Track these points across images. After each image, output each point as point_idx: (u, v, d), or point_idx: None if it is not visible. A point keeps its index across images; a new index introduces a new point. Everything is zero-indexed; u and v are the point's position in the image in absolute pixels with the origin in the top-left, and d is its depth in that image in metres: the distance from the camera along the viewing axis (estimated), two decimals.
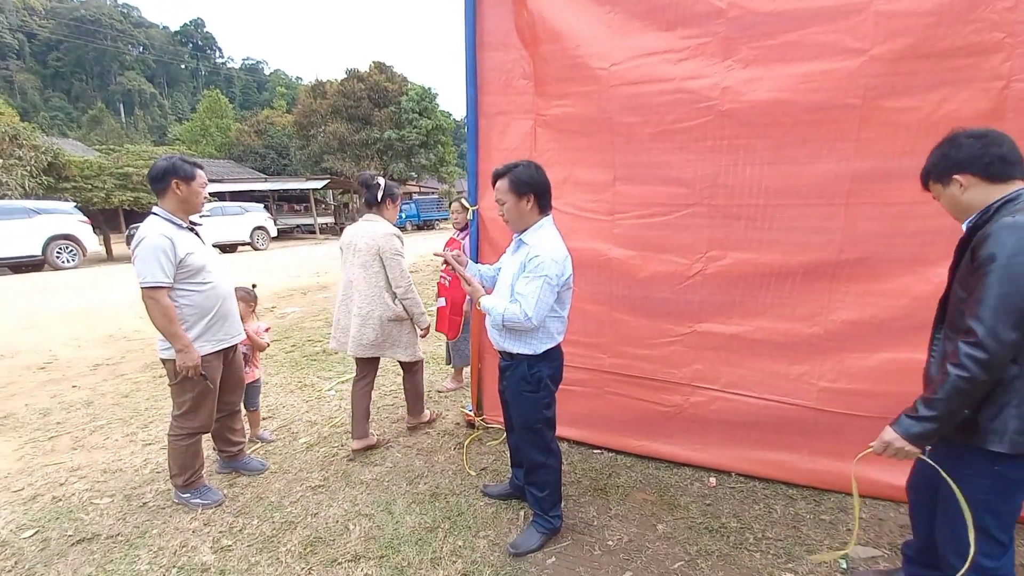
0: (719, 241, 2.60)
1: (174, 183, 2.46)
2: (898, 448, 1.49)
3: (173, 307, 2.40)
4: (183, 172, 2.47)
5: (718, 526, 2.41)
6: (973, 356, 1.35)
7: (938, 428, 1.44)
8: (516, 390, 2.25)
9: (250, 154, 35.34)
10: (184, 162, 2.51)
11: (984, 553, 1.50)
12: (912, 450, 1.48)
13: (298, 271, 11.77)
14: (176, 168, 2.47)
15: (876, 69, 2.14)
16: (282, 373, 4.71)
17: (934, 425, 1.44)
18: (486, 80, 2.99)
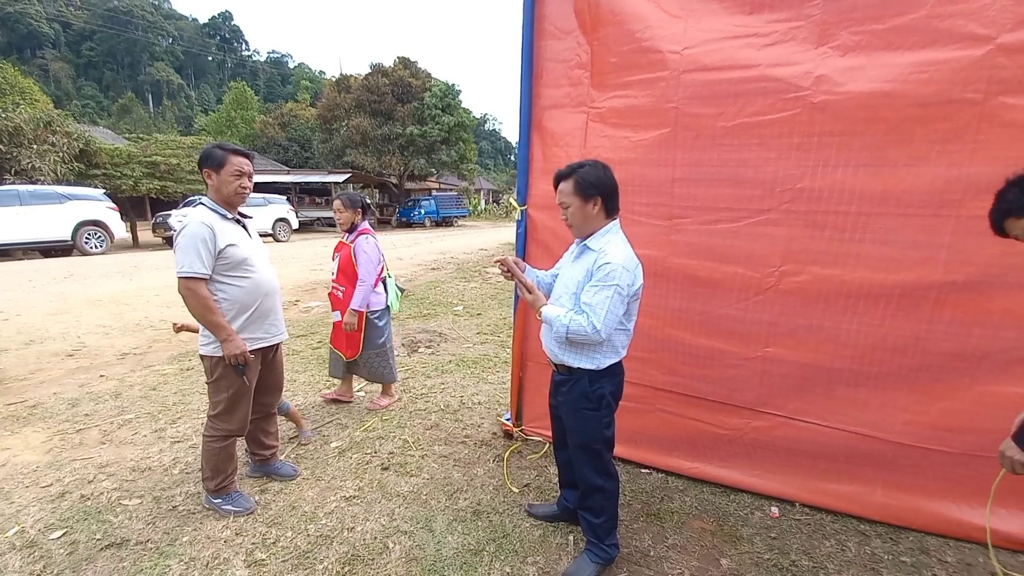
0: (796, 253, 2.34)
1: (206, 172, 2.35)
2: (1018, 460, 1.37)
3: (211, 298, 2.28)
4: (212, 160, 2.34)
5: (788, 564, 2.20)
6: None
7: None
8: (574, 407, 2.07)
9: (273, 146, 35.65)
10: (218, 148, 2.38)
11: None
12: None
13: (320, 264, 11.72)
14: (207, 156, 2.35)
15: (1003, 60, 1.87)
16: (310, 371, 4.59)
17: None
18: (542, 71, 2.79)
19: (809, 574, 2.14)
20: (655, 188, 2.60)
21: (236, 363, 2.34)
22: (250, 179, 2.43)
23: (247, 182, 2.41)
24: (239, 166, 2.38)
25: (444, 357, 5.05)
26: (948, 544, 2.30)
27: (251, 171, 2.42)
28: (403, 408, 3.77)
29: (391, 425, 3.48)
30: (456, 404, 3.86)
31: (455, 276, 10.12)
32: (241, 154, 2.40)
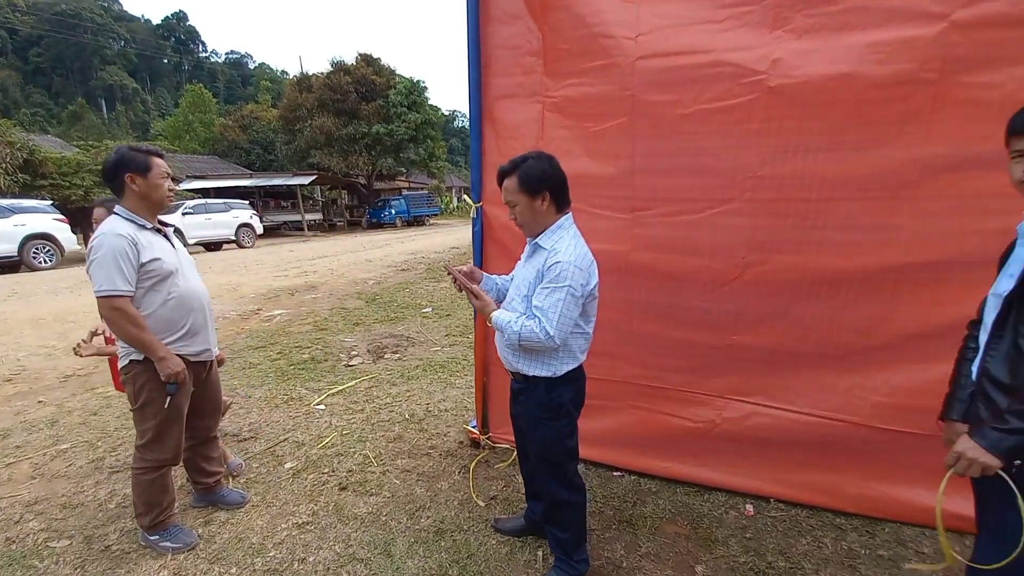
0: (760, 243, 2.27)
1: (128, 178, 2.12)
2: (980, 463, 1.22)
3: (139, 315, 2.08)
4: (136, 164, 2.12)
5: (764, 566, 2.11)
6: None
7: None
8: (533, 417, 1.93)
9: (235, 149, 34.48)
10: (136, 152, 2.16)
11: None
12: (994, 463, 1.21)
13: (285, 270, 11.34)
14: (127, 160, 2.12)
15: (957, 38, 1.81)
16: (267, 385, 4.34)
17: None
18: (491, 59, 2.63)
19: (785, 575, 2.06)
20: (616, 180, 2.48)
21: (172, 382, 2.15)
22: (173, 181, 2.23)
23: (171, 184, 2.24)
24: (164, 167, 2.19)
25: (411, 362, 4.87)
26: (924, 534, 2.25)
27: (172, 173, 2.24)
28: (366, 420, 3.58)
29: (351, 440, 3.29)
30: (422, 412, 3.69)
31: (425, 277, 9.90)
32: (160, 155, 2.21)
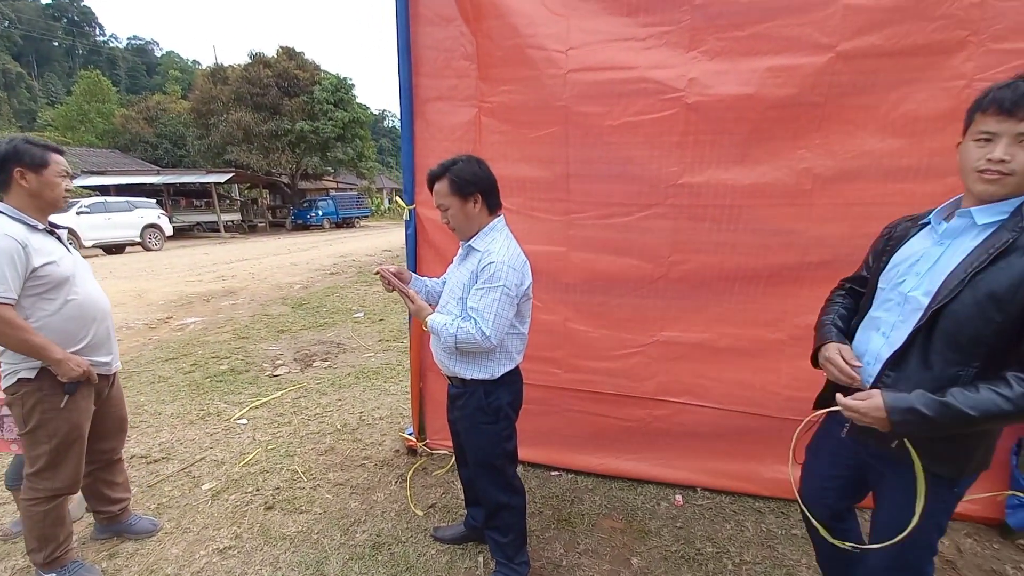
0: (682, 244, 2.43)
1: (17, 173, 1.88)
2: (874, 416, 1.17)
3: (20, 318, 1.84)
4: (29, 159, 1.88)
5: (694, 553, 2.23)
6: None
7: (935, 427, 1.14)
8: (471, 422, 1.93)
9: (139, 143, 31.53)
10: (32, 145, 1.92)
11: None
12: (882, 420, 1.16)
13: (199, 274, 10.53)
14: (19, 154, 1.87)
15: (842, 66, 2.04)
16: (179, 400, 4.00)
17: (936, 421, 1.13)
18: (421, 59, 2.60)
19: (713, 560, 2.19)
20: (552, 184, 2.55)
21: (76, 381, 1.95)
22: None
23: (69, 183, 2.02)
24: (63, 166, 1.97)
25: (342, 370, 4.69)
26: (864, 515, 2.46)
27: (70, 171, 2.03)
28: (293, 433, 3.40)
29: (278, 455, 3.11)
30: (355, 422, 3.57)
31: (356, 280, 9.57)
32: (59, 151, 1.99)
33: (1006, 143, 1.12)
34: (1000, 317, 1.11)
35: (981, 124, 1.16)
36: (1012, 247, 1.11)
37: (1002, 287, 1.10)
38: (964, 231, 1.23)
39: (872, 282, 1.42)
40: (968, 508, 2.38)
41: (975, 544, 2.29)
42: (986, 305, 1.11)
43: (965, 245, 1.20)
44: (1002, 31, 1.90)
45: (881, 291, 1.37)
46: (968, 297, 1.13)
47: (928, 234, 1.33)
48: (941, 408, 1.11)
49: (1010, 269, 1.10)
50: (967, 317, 1.13)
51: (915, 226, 1.37)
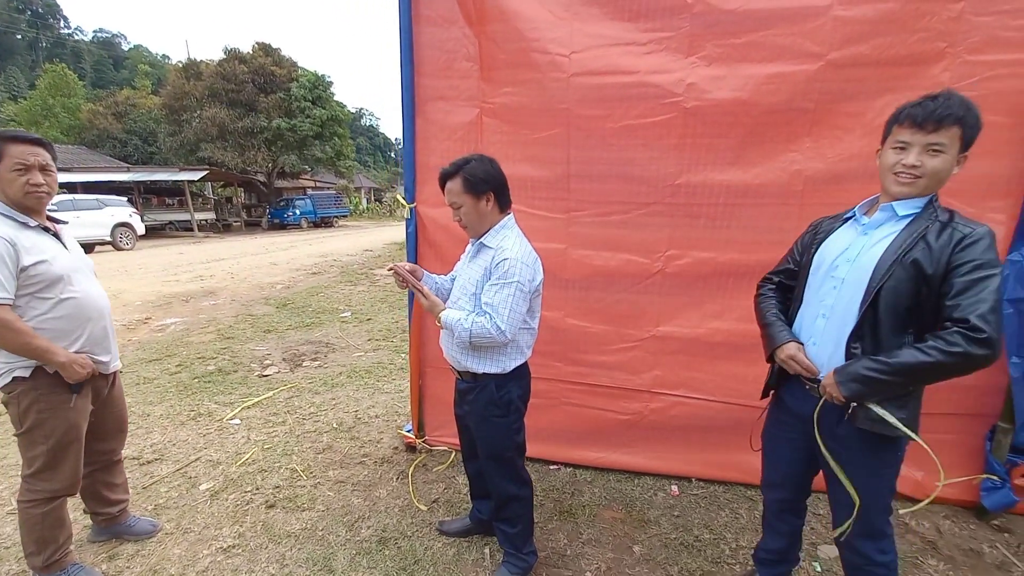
0: (679, 240, 2.52)
1: None
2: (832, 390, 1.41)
3: (20, 320, 1.80)
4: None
5: (692, 540, 2.32)
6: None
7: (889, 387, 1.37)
8: (482, 415, 1.97)
9: (107, 139, 30.50)
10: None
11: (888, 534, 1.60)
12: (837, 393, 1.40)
13: (175, 274, 10.28)
14: None
15: (831, 74, 2.16)
16: (167, 401, 3.93)
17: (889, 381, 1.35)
18: (423, 59, 2.63)
19: (711, 547, 2.28)
20: (553, 184, 2.61)
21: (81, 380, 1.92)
22: (46, 172, 1.88)
23: (38, 177, 1.84)
24: (21, 157, 1.80)
25: (333, 369, 4.66)
26: (819, 498, 2.57)
27: (44, 162, 1.87)
28: (289, 432, 3.38)
29: (275, 454, 3.09)
30: (351, 420, 3.56)
31: (340, 280, 9.48)
32: (23, 140, 1.84)
33: (917, 151, 1.34)
34: (925, 289, 1.34)
35: (898, 135, 1.39)
36: (928, 232, 1.34)
37: (926, 263, 1.32)
38: (886, 222, 1.45)
39: (804, 272, 1.62)
40: (946, 492, 2.52)
41: (953, 525, 2.43)
42: (916, 279, 1.33)
43: (888, 233, 1.42)
44: (977, 43, 2.03)
45: (816, 279, 1.57)
46: (901, 274, 1.34)
47: (851, 227, 1.54)
48: (875, 366, 1.34)
49: (929, 249, 1.33)
50: (903, 291, 1.35)
51: (838, 222, 1.60)
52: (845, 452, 1.52)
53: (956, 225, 1.33)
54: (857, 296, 1.42)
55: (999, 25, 2.00)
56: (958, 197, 2.19)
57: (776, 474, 1.81)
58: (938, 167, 1.33)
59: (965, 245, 1.29)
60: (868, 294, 1.39)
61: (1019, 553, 2.23)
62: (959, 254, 1.29)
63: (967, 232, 1.31)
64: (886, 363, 1.33)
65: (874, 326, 1.40)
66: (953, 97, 1.33)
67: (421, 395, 3.06)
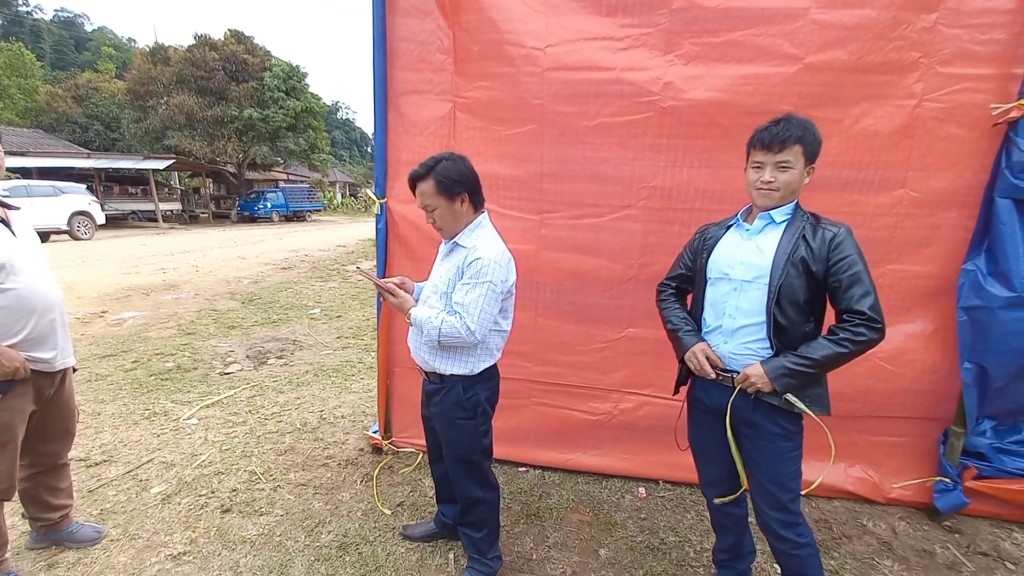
0: (652, 246, 2.50)
1: None
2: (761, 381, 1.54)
3: None
4: None
5: (658, 543, 2.31)
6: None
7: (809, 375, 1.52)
8: (449, 417, 1.91)
9: (66, 124, 29.16)
10: None
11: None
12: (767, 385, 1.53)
13: (136, 266, 9.86)
14: None
15: (808, 78, 2.16)
16: (120, 399, 3.75)
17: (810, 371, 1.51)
18: (397, 52, 2.55)
19: (676, 549, 2.28)
20: (525, 183, 2.57)
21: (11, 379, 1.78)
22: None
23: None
24: None
25: (299, 367, 4.53)
26: None
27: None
28: (249, 433, 3.26)
29: (234, 456, 2.97)
30: (315, 421, 3.46)
31: (310, 276, 9.25)
32: None
33: (770, 169, 1.55)
34: (814, 283, 1.53)
35: (754, 156, 1.60)
36: (805, 232, 1.55)
37: (810, 260, 1.52)
38: (766, 227, 1.63)
39: (700, 277, 1.75)
40: (901, 494, 2.59)
41: (908, 527, 2.49)
42: (804, 275, 1.52)
43: (770, 237, 1.60)
44: (948, 56, 2.08)
45: (714, 280, 1.70)
46: (792, 271, 1.53)
47: (736, 233, 1.71)
48: (800, 360, 1.51)
49: (809, 248, 1.52)
50: (797, 286, 1.53)
51: (722, 228, 1.76)
52: (759, 440, 1.65)
53: (824, 226, 1.54)
54: (761, 296, 1.58)
55: (968, 38, 2.05)
56: (921, 207, 2.26)
57: (713, 471, 1.88)
58: (788, 180, 1.54)
59: (837, 244, 1.50)
60: (771, 293, 1.55)
61: (968, 553, 2.30)
62: (834, 252, 1.50)
63: (835, 232, 1.52)
64: (810, 358, 1.50)
65: (780, 320, 1.56)
66: (793, 120, 1.53)
67: (389, 395, 2.99)
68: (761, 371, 1.55)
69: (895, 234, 2.29)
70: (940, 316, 2.35)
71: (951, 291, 2.29)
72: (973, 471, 2.43)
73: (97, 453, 2.98)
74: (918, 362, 2.41)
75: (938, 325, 2.37)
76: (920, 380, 2.42)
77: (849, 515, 2.54)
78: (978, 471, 2.42)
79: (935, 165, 2.21)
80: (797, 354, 1.52)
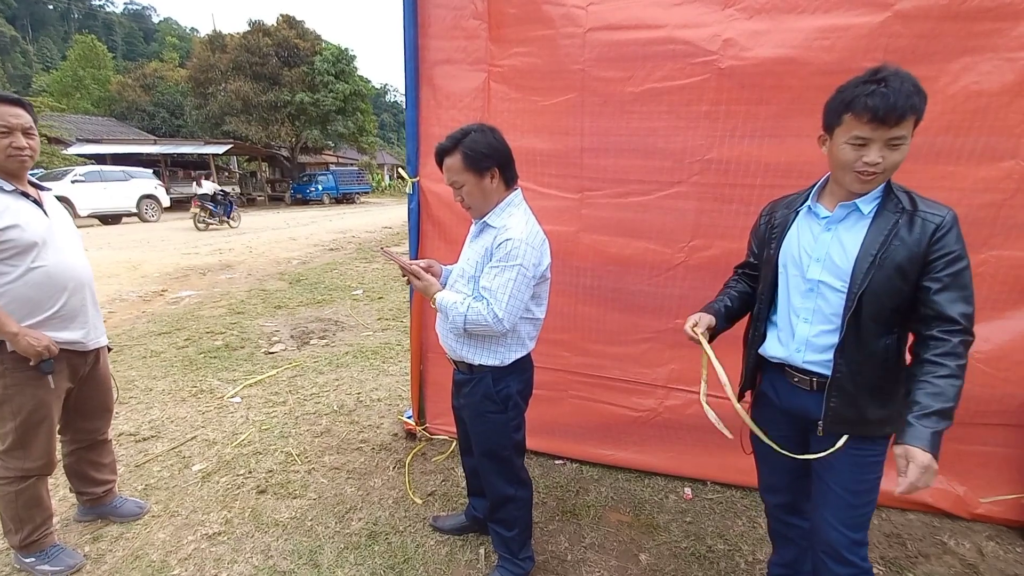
0: (706, 228, 2.25)
1: None
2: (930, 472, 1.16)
3: None
4: None
5: (705, 550, 2.13)
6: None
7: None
8: (478, 410, 1.79)
9: (136, 112, 30.99)
10: None
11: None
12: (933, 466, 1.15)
13: (196, 247, 10.35)
14: None
15: (899, 28, 1.83)
16: (171, 376, 3.88)
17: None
18: (429, 18, 2.39)
19: (725, 559, 2.09)
20: (564, 158, 2.37)
21: (41, 360, 1.79)
22: (28, 135, 1.78)
23: (21, 140, 1.75)
24: (2, 119, 1.71)
25: (340, 348, 4.56)
26: None
27: (26, 125, 1.77)
28: (288, 413, 3.29)
29: (272, 436, 2.99)
30: (352, 403, 3.45)
31: (355, 257, 9.42)
32: (4, 101, 1.73)
33: (879, 147, 1.22)
34: (907, 287, 1.26)
35: (856, 129, 1.22)
36: (899, 227, 1.25)
37: (904, 260, 1.24)
38: (849, 217, 1.33)
39: (769, 270, 1.49)
40: (991, 510, 2.28)
41: (997, 547, 2.18)
42: (895, 279, 1.25)
43: (856, 230, 1.31)
44: None
45: (788, 278, 1.44)
46: (880, 276, 1.26)
47: (809, 220, 1.41)
48: (943, 423, 1.17)
49: (904, 245, 1.24)
50: (884, 293, 1.26)
51: (792, 212, 1.46)
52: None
53: (923, 213, 1.25)
54: (838, 302, 1.33)
55: None
56: None
57: (775, 476, 1.68)
58: (898, 160, 1.24)
59: (940, 236, 1.23)
60: (850, 301, 1.30)
61: None
62: (935, 246, 1.23)
63: (938, 222, 1.23)
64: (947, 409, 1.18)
65: (857, 333, 1.31)
66: (906, 80, 1.19)
67: (422, 380, 2.91)
68: (926, 461, 1.13)
69: (1001, 213, 1.94)
70: None
71: None
72: None
73: (146, 428, 3.08)
74: (1022, 364, 2.07)
75: None
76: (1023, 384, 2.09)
77: (927, 531, 2.26)
78: None
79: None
80: (931, 413, 1.17)
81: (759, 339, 1.56)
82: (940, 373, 1.20)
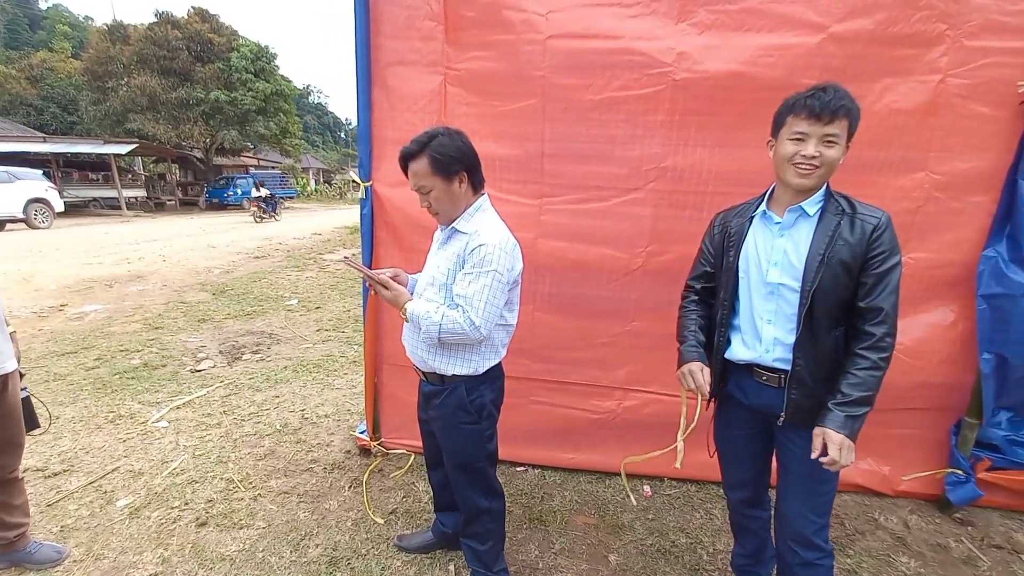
0: (661, 234, 2.34)
1: None
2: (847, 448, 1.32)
3: None
4: None
5: (669, 545, 2.20)
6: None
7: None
8: (451, 422, 1.74)
9: (20, 106, 27.55)
10: None
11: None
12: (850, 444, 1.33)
13: (99, 256, 9.33)
14: None
15: (833, 49, 2.01)
16: (81, 401, 3.45)
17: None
18: (381, 17, 2.31)
19: (689, 552, 2.16)
20: (525, 164, 2.37)
21: None
22: None
23: None
24: None
25: (277, 363, 4.28)
26: None
27: None
28: (225, 436, 3.03)
29: (209, 462, 2.74)
30: (296, 421, 3.24)
31: (285, 265, 8.90)
32: None
33: (815, 142, 1.33)
34: (852, 282, 1.37)
35: (795, 126, 1.36)
36: (841, 227, 1.37)
37: (848, 258, 1.35)
38: (797, 221, 1.45)
39: (730, 277, 1.57)
40: (910, 486, 2.53)
41: (919, 520, 2.42)
42: (841, 276, 1.36)
43: (805, 231, 1.43)
44: (975, 28, 1.95)
45: (749, 283, 1.53)
46: (828, 274, 1.37)
47: (764, 225, 1.52)
48: (862, 408, 1.34)
49: (848, 244, 1.36)
50: (832, 289, 1.38)
51: (746, 220, 1.56)
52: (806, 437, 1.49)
53: (862, 215, 1.37)
54: (796, 301, 1.43)
55: (997, 9, 1.92)
56: (944, 191, 2.15)
57: (742, 472, 1.76)
58: (834, 157, 1.34)
59: (877, 236, 1.34)
60: (804, 299, 1.40)
61: (983, 547, 2.24)
62: (873, 244, 1.35)
63: (875, 223, 1.35)
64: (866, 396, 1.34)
65: (811, 330, 1.41)
66: (840, 89, 1.33)
67: (377, 393, 2.79)
68: (842, 439, 1.31)
69: (916, 219, 2.17)
70: (960, 305, 2.26)
71: (972, 279, 2.19)
72: (986, 463, 2.37)
73: (56, 462, 2.71)
74: (936, 353, 2.32)
75: (958, 315, 2.27)
76: (938, 372, 2.34)
77: (860, 509, 2.47)
78: (991, 463, 2.36)
79: (959, 145, 2.09)
80: (850, 401, 1.34)
81: (724, 344, 1.61)
82: (862, 365, 1.35)
